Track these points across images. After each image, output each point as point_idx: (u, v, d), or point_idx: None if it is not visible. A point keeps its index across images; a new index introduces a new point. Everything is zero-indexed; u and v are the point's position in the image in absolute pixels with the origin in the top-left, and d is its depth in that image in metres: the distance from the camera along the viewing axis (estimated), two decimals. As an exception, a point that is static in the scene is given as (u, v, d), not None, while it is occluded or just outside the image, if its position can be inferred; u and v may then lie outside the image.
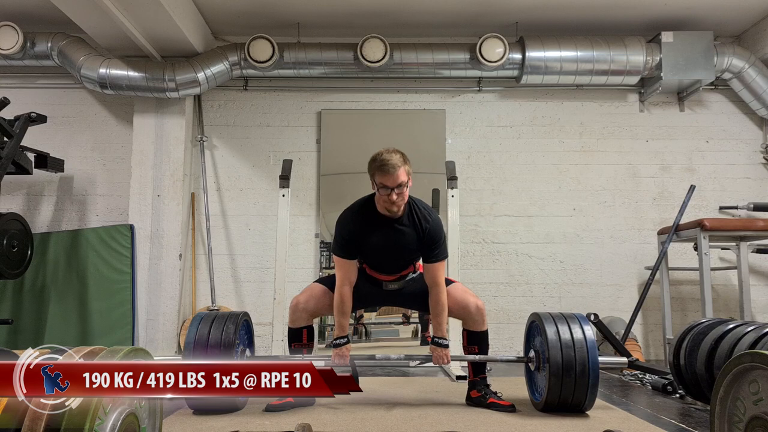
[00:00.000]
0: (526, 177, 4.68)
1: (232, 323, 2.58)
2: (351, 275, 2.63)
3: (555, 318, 2.58)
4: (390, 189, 2.46)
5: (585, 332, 2.52)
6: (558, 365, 2.44)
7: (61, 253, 4.31)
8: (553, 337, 2.49)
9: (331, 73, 4.50)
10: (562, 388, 2.46)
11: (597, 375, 2.46)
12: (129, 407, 1.44)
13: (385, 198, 2.48)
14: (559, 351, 2.46)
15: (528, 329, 2.79)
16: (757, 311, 4.37)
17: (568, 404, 2.50)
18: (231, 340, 2.51)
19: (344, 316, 2.62)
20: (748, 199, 4.53)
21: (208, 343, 2.50)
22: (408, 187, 2.51)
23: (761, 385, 1.55)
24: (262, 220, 4.61)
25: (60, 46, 4.29)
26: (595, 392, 2.49)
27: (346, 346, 2.61)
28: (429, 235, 2.58)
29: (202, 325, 2.57)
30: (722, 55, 4.36)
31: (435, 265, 2.61)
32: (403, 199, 2.51)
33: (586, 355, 2.46)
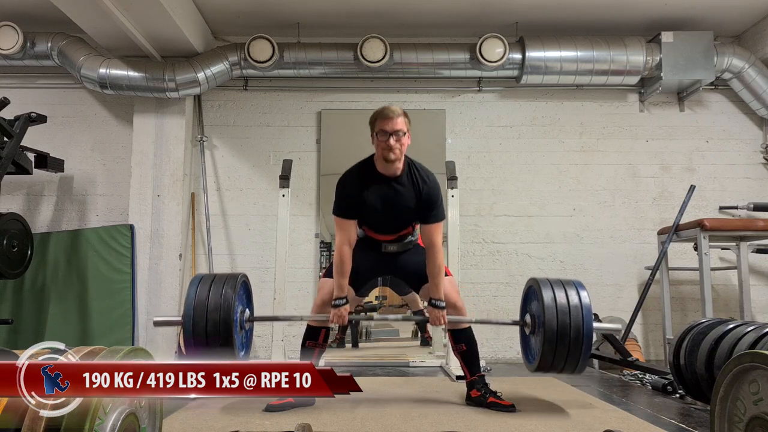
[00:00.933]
0: (526, 177, 4.68)
1: (230, 284, 2.55)
2: (350, 235, 2.64)
3: (552, 283, 2.57)
4: (388, 134, 2.51)
5: (581, 298, 2.51)
6: (553, 330, 2.44)
7: (61, 253, 4.31)
8: (549, 301, 2.48)
9: (331, 73, 4.50)
10: (555, 353, 2.46)
11: (591, 340, 2.46)
12: (129, 407, 1.44)
13: (384, 144, 2.52)
14: (555, 316, 2.45)
15: (525, 294, 2.78)
16: (757, 311, 4.36)
17: (561, 368, 2.50)
18: (230, 301, 2.49)
19: (343, 277, 2.63)
20: (748, 199, 4.53)
21: (207, 304, 2.48)
22: (407, 138, 2.56)
23: (761, 385, 1.55)
24: (262, 220, 4.61)
25: (60, 46, 4.30)
26: (587, 357, 2.48)
27: (345, 307, 2.63)
28: (427, 195, 2.61)
29: (201, 286, 2.54)
30: (722, 55, 4.36)
31: (432, 226, 2.64)
32: (400, 147, 2.54)
33: (581, 320, 2.45)
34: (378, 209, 2.63)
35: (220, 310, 2.46)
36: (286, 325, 4.17)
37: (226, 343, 2.47)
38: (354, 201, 2.62)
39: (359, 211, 2.65)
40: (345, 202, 2.64)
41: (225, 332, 2.46)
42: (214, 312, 2.46)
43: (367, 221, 2.71)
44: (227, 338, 2.47)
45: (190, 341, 2.48)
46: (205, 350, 2.47)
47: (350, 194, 2.63)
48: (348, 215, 2.64)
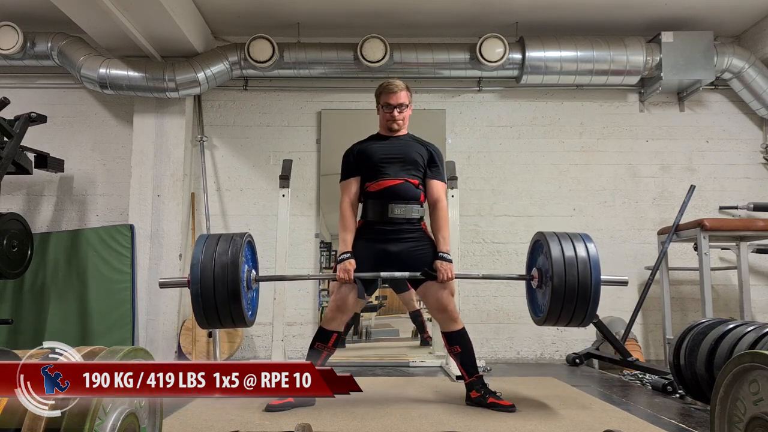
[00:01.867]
0: (526, 177, 4.68)
1: (237, 242, 2.52)
2: (352, 193, 2.78)
3: (559, 236, 2.57)
4: (392, 107, 2.76)
5: (588, 249, 2.51)
6: (561, 281, 2.44)
7: (61, 253, 4.31)
8: (557, 254, 2.48)
9: (331, 73, 4.50)
10: (563, 304, 2.46)
11: (599, 292, 2.46)
12: (129, 407, 1.44)
13: (388, 116, 2.78)
14: (563, 267, 2.45)
15: (532, 248, 2.78)
16: (757, 311, 4.36)
17: (569, 321, 2.51)
18: (237, 258, 2.45)
19: (347, 232, 2.72)
20: (748, 199, 4.53)
21: (214, 260, 2.44)
22: (409, 110, 2.82)
23: (761, 385, 1.55)
24: (262, 220, 4.61)
25: (60, 46, 4.30)
26: (595, 309, 2.49)
27: (350, 261, 2.64)
28: (431, 152, 2.81)
29: (207, 245, 2.51)
30: (722, 55, 4.36)
31: (437, 183, 2.80)
32: (404, 118, 2.81)
33: (589, 272, 2.45)
34: (384, 151, 2.78)
35: (227, 268, 2.42)
36: (286, 325, 4.17)
37: (234, 304, 2.44)
38: (356, 155, 2.80)
39: (362, 160, 2.78)
40: (348, 162, 2.82)
41: (233, 292, 2.42)
42: (221, 272, 2.42)
43: (373, 168, 2.75)
44: (235, 298, 2.43)
45: (198, 302, 2.44)
46: (212, 311, 2.44)
47: (353, 152, 2.82)
48: (351, 174, 2.79)
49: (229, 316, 2.47)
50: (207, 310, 2.44)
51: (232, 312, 2.46)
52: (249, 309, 2.61)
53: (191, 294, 2.45)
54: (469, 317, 4.44)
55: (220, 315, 2.46)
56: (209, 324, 2.51)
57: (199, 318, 2.48)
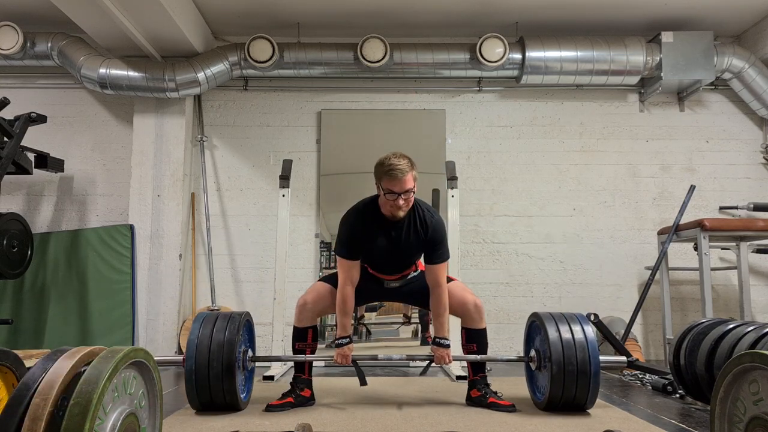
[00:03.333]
0: (526, 177, 4.68)
1: (234, 323, 2.57)
2: (354, 276, 2.63)
3: (555, 318, 2.60)
4: (397, 194, 2.48)
5: (585, 332, 2.54)
6: (560, 364, 2.45)
7: (61, 253, 4.31)
8: (554, 336, 2.51)
9: (331, 73, 4.50)
10: (564, 387, 2.47)
11: (598, 374, 2.48)
12: (129, 407, 1.44)
13: (392, 203, 2.51)
14: (561, 350, 2.47)
15: (528, 329, 2.79)
16: (757, 311, 4.37)
17: (571, 403, 2.51)
18: (234, 341, 2.51)
19: (346, 316, 2.63)
20: (748, 199, 4.54)
21: (211, 343, 2.49)
22: (414, 193, 2.55)
23: (761, 385, 1.55)
24: (262, 220, 4.61)
25: (60, 46, 4.30)
26: (597, 391, 2.50)
27: (349, 346, 2.63)
28: (431, 237, 2.62)
29: (204, 325, 2.56)
30: (722, 55, 4.36)
31: (437, 266, 2.63)
32: (408, 204, 2.54)
33: (588, 354, 2.47)
34: (382, 252, 2.64)
35: (222, 351, 2.47)
36: (286, 325, 4.17)
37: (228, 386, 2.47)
38: (358, 243, 2.61)
39: (363, 253, 2.65)
40: (349, 243, 2.62)
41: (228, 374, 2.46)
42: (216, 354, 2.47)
43: (370, 262, 2.71)
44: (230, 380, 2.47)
45: (191, 383, 2.47)
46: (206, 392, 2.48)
47: (354, 236, 2.61)
48: (351, 256, 2.62)
49: (222, 397, 2.49)
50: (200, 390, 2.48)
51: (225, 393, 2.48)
52: (243, 390, 2.65)
53: (185, 373, 2.48)
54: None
55: (213, 395, 2.49)
56: (202, 406, 2.52)
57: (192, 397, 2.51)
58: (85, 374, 1.30)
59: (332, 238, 4.59)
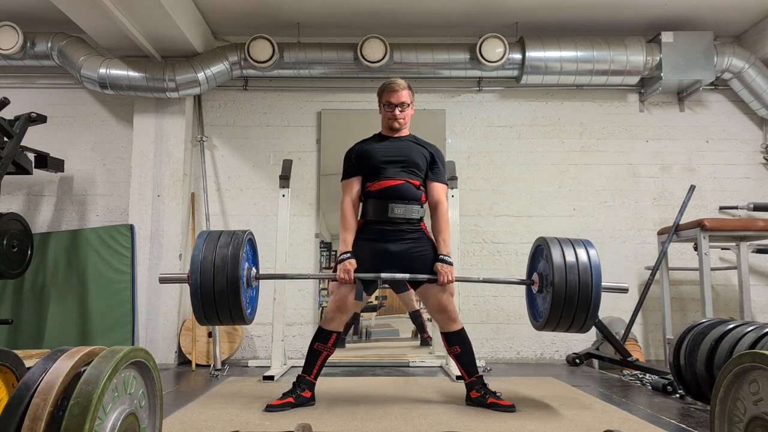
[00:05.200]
0: (526, 177, 4.68)
1: (238, 239, 2.51)
2: (353, 192, 2.78)
3: (561, 241, 2.58)
4: (394, 105, 2.78)
5: (590, 255, 2.52)
6: (562, 286, 2.44)
7: (61, 253, 4.31)
8: (558, 259, 2.48)
9: (331, 73, 4.50)
10: (564, 309, 2.47)
11: (599, 298, 2.46)
12: (129, 407, 1.44)
13: (390, 114, 2.80)
14: (564, 272, 2.46)
15: (533, 253, 2.79)
16: (757, 311, 4.37)
17: (568, 327, 2.51)
18: (238, 252, 2.45)
19: (348, 232, 2.72)
20: (748, 199, 4.54)
21: (214, 260, 2.43)
22: (410, 109, 2.83)
23: (761, 385, 1.55)
24: (262, 220, 4.61)
25: (60, 46, 4.30)
26: (596, 315, 2.50)
27: (350, 261, 2.65)
28: (432, 153, 2.82)
29: (208, 241, 2.50)
30: (722, 55, 4.36)
31: (438, 185, 2.81)
32: (405, 117, 2.82)
33: (590, 278, 2.46)
34: (385, 151, 2.79)
35: (227, 267, 2.41)
36: (286, 325, 4.18)
37: (233, 301, 2.43)
38: (358, 154, 2.81)
39: (364, 160, 2.78)
40: (350, 161, 2.83)
41: (232, 289, 2.41)
42: (221, 268, 2.41)
43: (375, 168, 2.76)
44: (235, 296, 2.42)
45: (197, 298, 2.43)
46: (211, 306, 2.44)
47: (355, 150, 2.84)
48: (353, 173, 2.80)
49: (228, 313, 2.46)
50: (206, 305, 2.44)
51: (231, 308, 2.45)
52: (248, 307, 2.61)
53: (190, 288, 2.44)
54: (469, 317, 4.44)
55: (219, 311, 2.45)
56: (207, 320, 2.50)
57: (198, 313, 2.47)
58: (85, 374, 1.30)
59: (332, 238, 4.59)
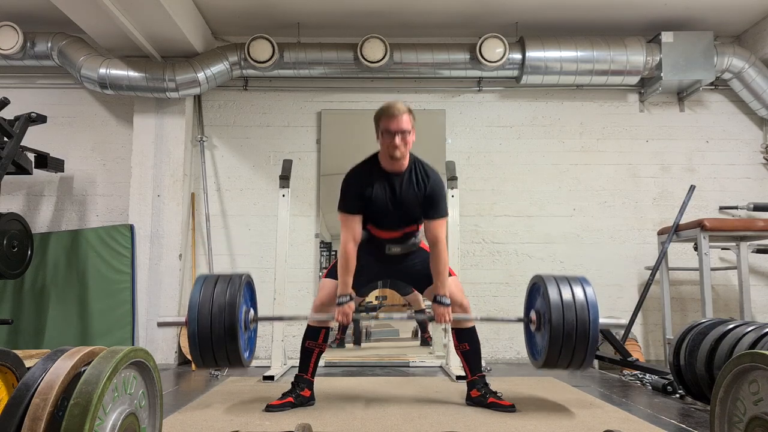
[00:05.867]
0: (526, 177, 4.68)
1: (235, 283, 2.52)
2: (355, 232, 2.63)
3: (557, 279, 2.58)
4: (394, 133, 2.53)
5: (587, 293, 2.52)
6: (559, 325, 2.44)
7: (61, 253, 4.31)
8: (555, 297, 2.48)
9: (331, 73, 4.50)
10: (562, 348, 2.45)
11: (597, 336, 2.46)
12: (129, 407, 1.44)
13: (389, 143, 2.55)
14: (561, 311, 2.45)
15: (530, 291, 2.78)
16: (757, 311, 4.37)
17: (568, 364, 2.50)
18: (235, 300, 2.46)
19: (348, 274, 2.62)
20: (748, 199, 4.54)
21: (212, 304, 2.44)
22: (412, 136, 2.59)
23: (761, 385, 1.55)
24: (262, 220, 4.61)
25: (60, 46, 4.29)
26: (594, 352, 2.49)
27: (349, 304, 2.61)
28: (431, 191, 2.64)
29: (206, 285, 2.51)
30: (722, 55, 4.36)
31: (436, 222, 2.65)
32: (406, 146, 2.57)
33: (587, 315, 2.45)
34: (383, 204, 2.64)
35: (224, 311, 2.43)
36: (286, 325, 4.18)
37: (231, 345, 2.44)
38: (359, 197, 2.63)
39: (364, 207, 2.65)
40: (350, 198, 2.65)
41: (230, 333, 2.42)
42: (218, 312, 2.42)
43: (372, 217, 2.71)
44: (232, 339, 2.44)
45: (194, 342, 2.44)
46: (209, 353, 2.46)
47: (355, 190, 2.63)
48: (353, 211, 2.64)
49: (226, 357, 2.48)
50: (203, 351, 2.46)
51: (228, 353, 2.46)
52: (246, 349, 2.63)
53: (188, 333, 2.46)
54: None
55: (216, 356, 2.47)
56: (205, 364, 2.51)
57: (195, 358, 2.49)
58: (85, 374, 1.30)
59: (332, 238, 4.59)
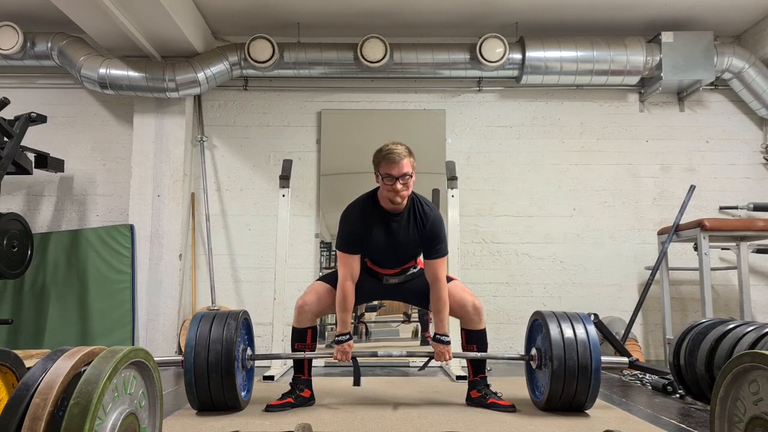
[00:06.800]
0: (526, 177, 4.68)
1: (232, 322, 2.57)
2: (354, 271, 2.62)
3: (558, 316, 2.58)
4: (395, 178, 2.48)
5: (588, 331, 2.52)
6: (561, 364, 2.44)
7: (61, 253, 4.31)
8: (556, 335, 2.49)
9: (331, 73, 4.50)
10: (564, 387, 2.46)
11: (599, 375, 2.47)
12: (129, 407, 1.44)
13: (390, 188, 2.50)
14: (562, 350, 2.46)
15: (530, 327, 2.78)
16: (757, 311, 4.37)
17: (570, 403, 2.50)
18: (232, 339, 2.50)
19: (346, 312, 2.62)
20: (748, 199, 4.54)
21: (209, 342, 2.49)
22: (412, 180, 2.54)
23: (761, 385, 1.55)
24: (262, 220, 4.61)
25: (60, 46, 4.29)
26: (597, 392, 2.50)
27: (348, 343, 2.62)
28: (430, 231, 2.60)
29: (202, 324, 2.56)
30: (722, 55, 4.36)
31: (436, 262, 2.61)
32: (407, 190, 2.53)
33: (589, 354, 2.46)
34: (381, 245, 2.63)
35: (221, 351, 2.46)
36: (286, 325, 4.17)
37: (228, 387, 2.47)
38: (358, 236, 2.60)
39: (362, 246, 2.63)
40: (349, 237, 2.62)
41: (227, 376, 2.46)
42: (214, 353, 2.46)
43: (370, 256, 2.71)
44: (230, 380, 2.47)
45: (191, 385, 2.46)
46: (206, 394, 2.48)
47: (354, 230, 2.61)
48: (351, 250, 2.61)
49: (223, 400, 2.50)
50: (201, 394, 2.48)
51: (226, 396, 2.49)
52: (243, 389, 2.65)
53: (184, 374, 2.47)
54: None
55: (214, 399, 2.50)
56: (201, 405, 2.53)
57: (192, 399, 2.51)
58: (85, 374, 1.30)
59: (332, 238, 4.59)
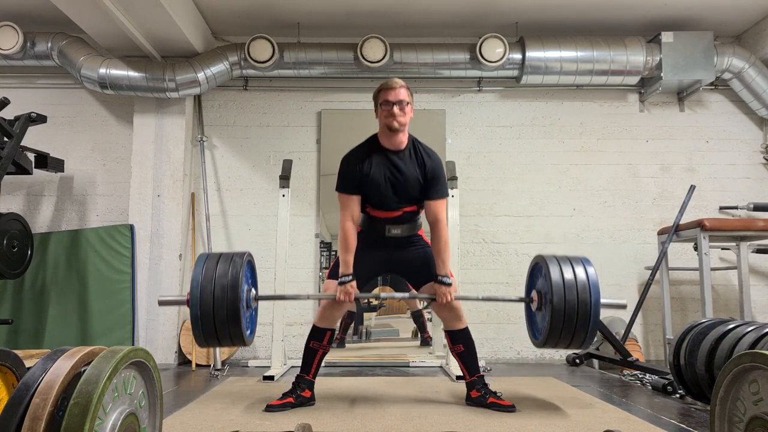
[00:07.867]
0: (526, 177, 4.68)
1: (238, 259, 2.52)
2: (354, 211, 2.67)
3: (559, 259, 2.58)
4: (392, 104, 2.60)
5: (588, 272, 2.52)
6: (561, 301, 2.44)
7: (61, 253, 4.31)
8: (556, 276, 2.48)
9: (331, 73, 4.50)
10: (563, 328, 2.46)
11: (598, 315, 2.46)
12: (129, 407, 1.44)
13: (387, 113, 2.61)
14: (562, 289, 2.45)
15: (531, 270, 2.78)
16: (757, 311, 4.37)
17: (568, 344, 2.51)
18: (238, 274, 2.45)
19: (349, 253, 2.64)
20: (748, 199, 4.54)
21: (214, 282, 2.43)
22: (410, 109, 2.65)
23: (761, 385, 1.55)
24: (262, 220, 4.61)
25: (60, 46, 4.29)
26: (595, 332, 2.49)
27: (351, 284, 2.62)
28: (430, 170, 2.67)
29: (208, 262, 2.51)
30: (722, 55, 4.36)
31: (437, 202, 2.68)
32: (404, 116, 2.62)
33: (589, 294, 2.45)
34: (382, 182, 2.66)
35: (227, 289, 2.42)
36: (286, 325, 4.18)
37: (233, 324, 2.43)
38: (358, 175, 2.65)
39: (363, 186, 2.66)
40: (348, 177, 2.67)
41: (232, 311, 2.41)
42: (220, 291, 2.41)
43: (371, 197, 2.71)
44: (235, 318, 2.42)
45: (196, 320, 2.43)
46: (211, 330, 2.44)
47: (354, 169, 2.66)
48: (351, 191, 2.66)
49: (228, 336, 2.48)
50: (206, 330, 2.45)
51: (231, 332, 2.46)
52: (248, 328, 2.62)
53: (190, 312, 2.45)
54: (470, 317, 4.39)
55: (219, 335, 2.47)
56: (207, 343, 2.50)
57: (198, 337, 2.49)
58: (85, 374, 1.30)
59: (332, 238, 4.59)
